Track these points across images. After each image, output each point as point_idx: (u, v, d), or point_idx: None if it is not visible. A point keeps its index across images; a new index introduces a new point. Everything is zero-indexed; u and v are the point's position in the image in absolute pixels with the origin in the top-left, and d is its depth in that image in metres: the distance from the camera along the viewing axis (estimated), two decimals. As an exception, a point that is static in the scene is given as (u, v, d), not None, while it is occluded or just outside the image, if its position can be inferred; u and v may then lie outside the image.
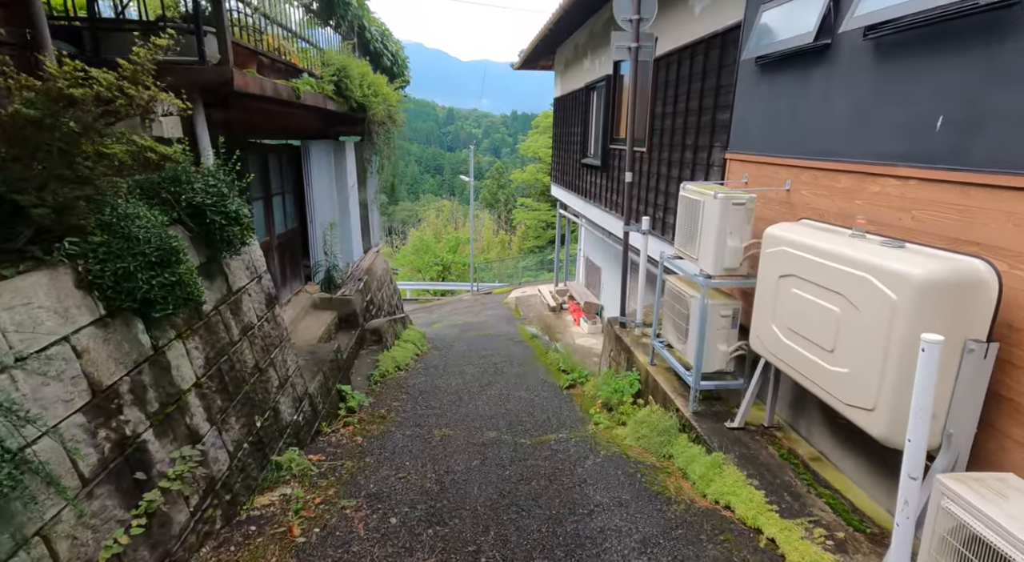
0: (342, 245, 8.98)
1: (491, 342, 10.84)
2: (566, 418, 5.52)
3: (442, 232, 42.04)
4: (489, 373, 7.72)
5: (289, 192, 7.39)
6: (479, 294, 22.33)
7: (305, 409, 4.67)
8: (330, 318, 7.46)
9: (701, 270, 4.19)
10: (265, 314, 4.24)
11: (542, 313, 15.10)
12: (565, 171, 13.40)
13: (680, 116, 6.39)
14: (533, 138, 40.96)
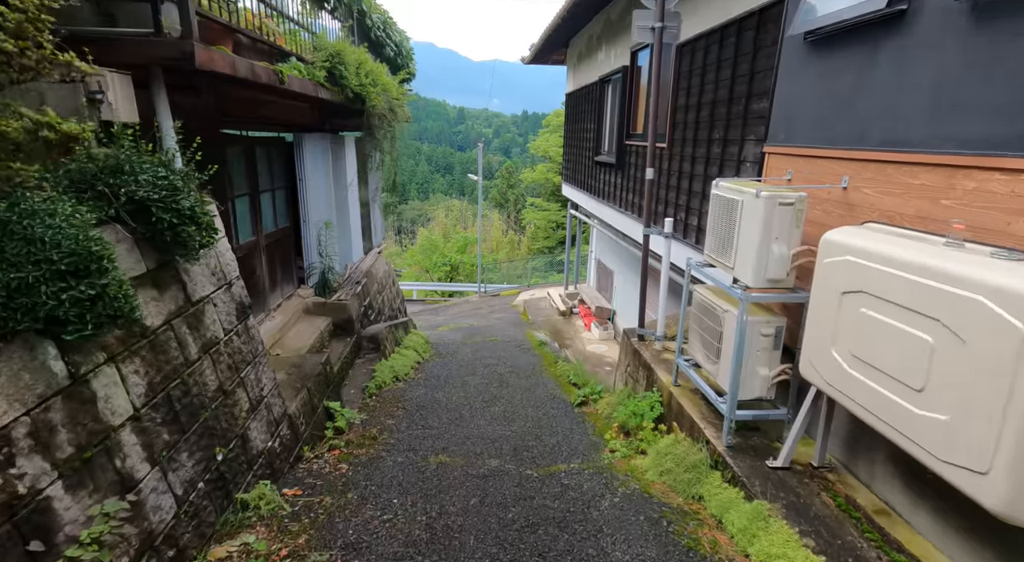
0: (340, 246, 8.46)
1: (497, 349, 10.28)
2: (578, 443, 4.94)
3: (451, 232, 41.63)
4: (494, 385, 7.15)
5: (280, 189, 6.87)
6: (487, 296, 21.79)
7: (283, 433, 4.13)
8: (324, 324, 6.93)
9: (738, 281, 3.60)
10: (235, 327, 3.70)
11: (551, 317, 14.51)
12: (577, 170, 12.81)
13: (706, 108, 5.78)
14: (544, 137, 40.40)
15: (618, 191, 9.25)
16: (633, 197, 8.41)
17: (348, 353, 6.92)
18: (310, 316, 7.09)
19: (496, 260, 34.68)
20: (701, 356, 4.19)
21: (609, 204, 9.84)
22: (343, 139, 8.45)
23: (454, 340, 12.23)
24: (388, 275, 10.68)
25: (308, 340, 6.44)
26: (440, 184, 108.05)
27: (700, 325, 4.18)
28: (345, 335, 7.23)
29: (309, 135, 7.09)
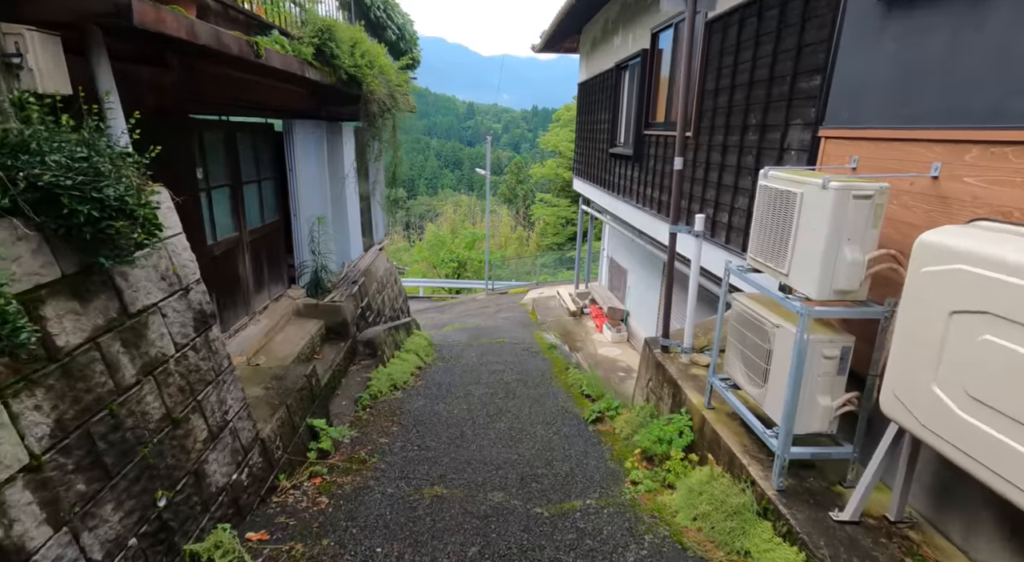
0: (336, 243, 7.88)
1: (504, 352, 9.68)
2: (594, 471, 4.33)
3: (459, 228, 41.08)
4: (499, 396, 6.55)
5: (268, 180, 6.30)
6: (494, 294, 21.20)
7: (253, 462, 3.56)
8: (315, 328, 6.36)
9: (795, 291, 2.96)
10: (191, 340, 3.12)
11: (561, 318, 13.89)
12: (589, 164, 12.16)
13: (741, 90, 5.13)
14: (554, 132, 39.66)
15: (635, 185, 8.60)
16: (652, 192, 7.76)
17: (341, 360, 6.34)
18: (301, 319, 6.52)
19: (504, 256, 34.10)
20: (742, 376, 3.56)
21: (624, 199, 9.19)
22: (340, 128, 7.86)
23: (459, 341, 11.65)
24: (389, 273, 10.11)
25: (297, 346, 5.87)
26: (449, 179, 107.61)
27: (741, 340, 3.55)
28: (339, 340, 6.66)
29: (301, 122, 6.50)
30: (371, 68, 6.24)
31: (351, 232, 8.47)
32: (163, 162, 2.82)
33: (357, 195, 8.79)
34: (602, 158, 10.85)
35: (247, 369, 4.64)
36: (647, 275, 10.97)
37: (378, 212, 10.63)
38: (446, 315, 18.14)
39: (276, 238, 6.48)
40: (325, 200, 7.39)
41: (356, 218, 8.80)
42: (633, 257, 12.02)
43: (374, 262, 8.96)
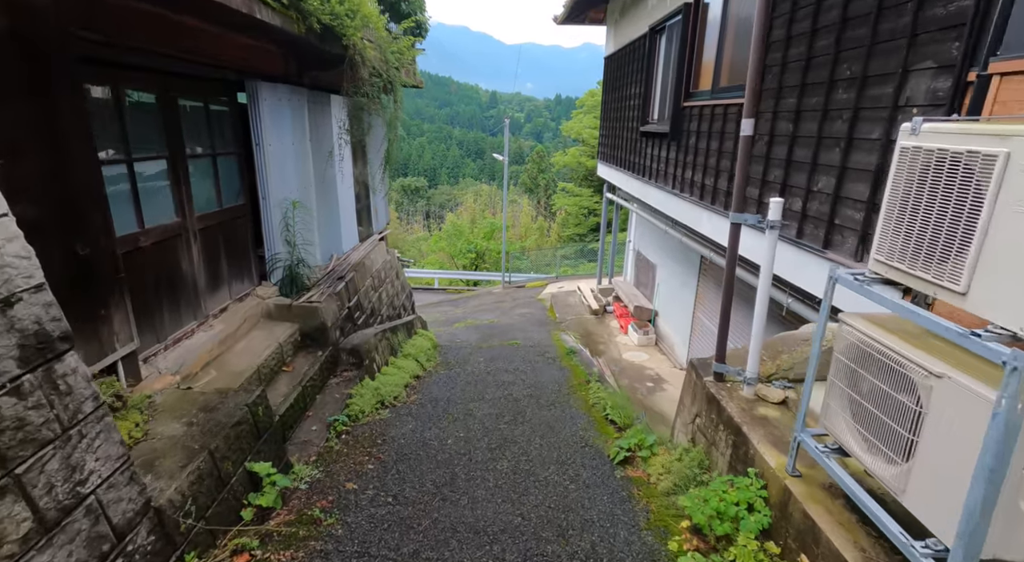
0: (323, 232, 6.80)
1: (517, 358, 8.55)
2: (625, 551, 3.16)
3: (479, 217, 40.05)
4: (505, 419, 5.42)
5: (228, 155, 5.21)
6: (511, 287, 20.07)
7: (135, 546, 2.47)
8: (286, 334, 5.29)
9: (987, 323, 1.75)
10: (15, 381, 2.03)
11: (582, 316, 12.70)
12: (616, 146, 10.88)
13: (827, 34, 3.85)
14: (577, 118, 38.19)
15: (671, 168, 7.34)
16: (693, 175, 6.50)
17: (317, 372, 5.27)
18: (270, 322, 5.46)
19: (524, 247, 32.95)
20: (854, 439, 2.35)
21: (657, 185, 7.92)
22: (328, 100, 6.75)
23: (468, 343, 10.54)
24: (390, 267, 9.01)
25: (259, 356, 4.81)
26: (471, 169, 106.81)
27: (854, 385, 2.34)
28: (315, 347, 5.59)
29: (271, 87, 5.40)
30: (352, 18, 5.08)
31: (342, 220, 7.38)
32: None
33: (351, 179, 7.69)
34: (631, 138, 9.57)
35: (172, 396, 3.57)
36: (680, 271, 9.70)
37: (379, 199, 9.53)
38: (459, 309, 17.08)
39: (240, 226, 5.40)
40: (306, 182, 6.29)
41: (349, 204, 7.70)
42: (664, 251, 10.75)
43: (370, 254, 7.87)
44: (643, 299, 11.86)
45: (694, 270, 8.94)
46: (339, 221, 7.28)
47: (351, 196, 7.85)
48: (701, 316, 8.62)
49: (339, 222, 7.29)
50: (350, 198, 7.79)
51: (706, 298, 8.42)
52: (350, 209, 7.82)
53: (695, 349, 8.94)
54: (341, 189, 7.31)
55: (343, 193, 7.37)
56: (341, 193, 7.31)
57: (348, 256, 7.49)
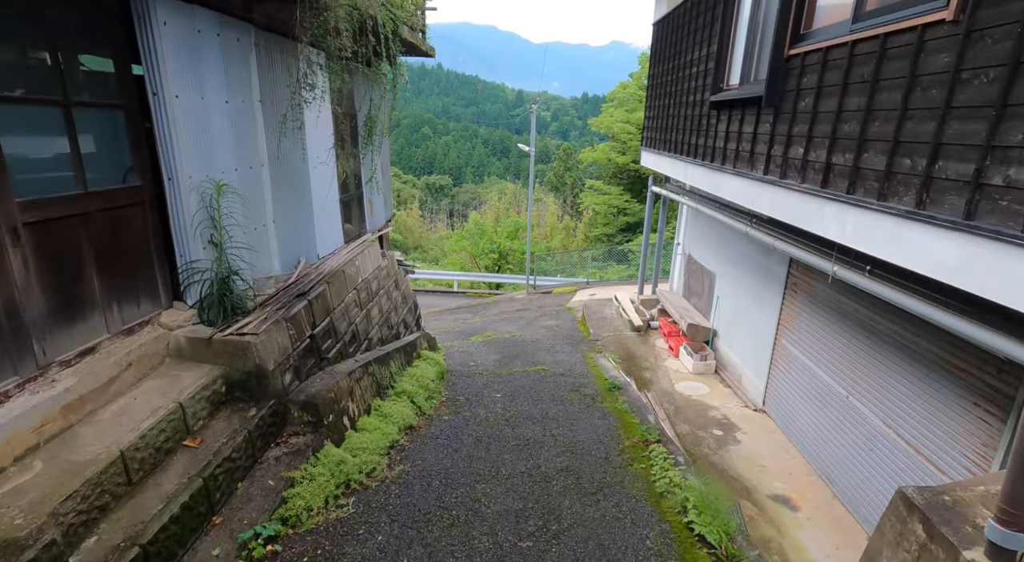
0: (285, 230, 4.97)
1: (544, 394, 6.61)
2: None
3: (503, 216, 38.27)
4: (530, 527, 3.48)
5: (102, 105, 3.38)
6: (536, 293, 18.10)
7: None
8: (196, 385, 3.43)
9: None
10: None
11: (620, 333, 10.68)
12: (669, 128, 8.84)
13: None
14: (608, 112, 35.99)
15: (763, 146, 5.30)
16: (808, 151, 4.46)
17: (242, 445, 3.42)
18: (178, 366, 3.63)
19: (550, 248, 31.03)
20: None
21: (737, 170, 5.88)
22: (296, 50, 4.90)
23: (484, 366, 8.64)
24: (385, 275, 7.15)
25: (139, 427, 2.97)
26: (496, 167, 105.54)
27: None
28: (246, 402, 3.74)
29: (180, 5, 3.56)
30: None
31: (317, 215, 5.54)
32: None
33: (332, 164, 5.85)
34: (691, 116, 7.54)
35: None
36: (752, 283, 7.63)
37: (377, 190, 7.69)
38: (478, 318, 15.20)
39: (131, 220, 3.55)
40: (251, 159, 4.44)
41: (329, 195, 5.87)
42: (726, 256, 8.68)
43: (355, 260, 6.00)
44: (696, 314, 9.79)
45: (776, 283, 6.87)
46: (311, 216, 5.44)
47: (332, 184, 6.01)
48: (789, 345, 6.55)
49: (311, 217, 5.44)
50: (330, 186, 5.95)
51: (799, 323, 6.36)
52: (330, 201, 5.98)
53: (777, 387, 6.87)
54: (316, 174, 5.47)
55: (319, 179, 5.52)
56: (315, 179, 5.46)
57: (323, 262, 5.64)
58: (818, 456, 5.81)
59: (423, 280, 25.39)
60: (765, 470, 5.91)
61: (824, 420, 5.72)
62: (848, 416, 5.33)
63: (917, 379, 4.49)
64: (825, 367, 5.73)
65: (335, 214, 6.17)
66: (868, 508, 4.92)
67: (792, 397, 6.45)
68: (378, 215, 7.71)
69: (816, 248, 4.98)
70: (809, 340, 6.10)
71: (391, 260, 7.50)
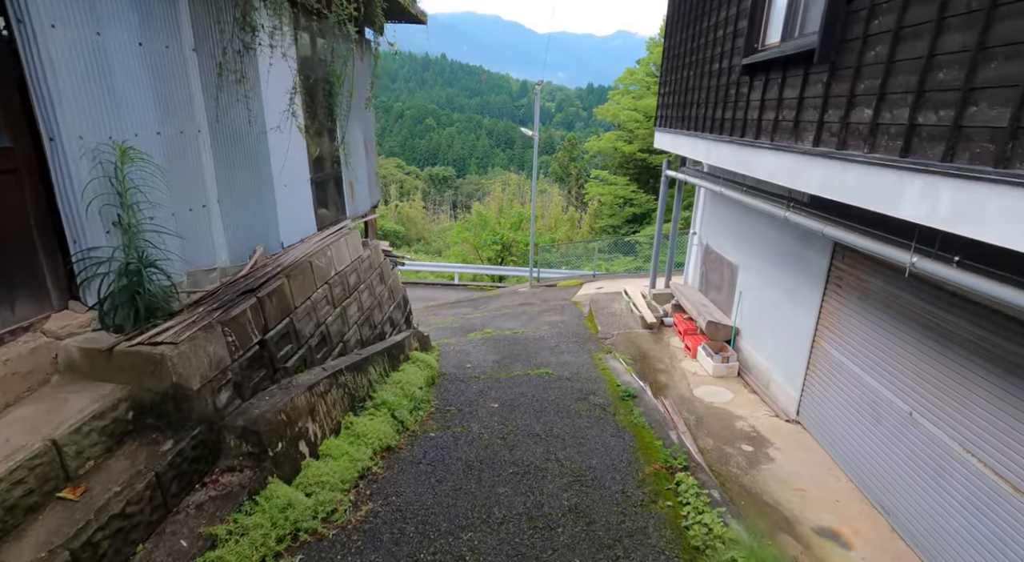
0: (232, 212, 4.10)
1: (548, 404, 5.76)
2: None
3: (506, 207, 37.41)
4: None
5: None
6: (540, 286, 17.21)
7: None
8: (89, 411, 2.57)
9: None
10: None
11: (631, 331, 9.79)
12: (688, 103, 7.91)
13: None
14: (614, 100, 34.92)
15: (810, 111, 4.40)
16: (878, 110, 3.55)
17: (143, 494, 2.58)
18: (69, 385, 2.79)
19: (554, 239, 30.13)
20: None
21: (773, 144, 4.97)
22: None
23: (481, 369, 7.78)
24: (367, 268, 6.29)
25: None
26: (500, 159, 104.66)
27: None
28: (163, 432, 2.89)
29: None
30: None
31: (280, 197, 4.67)
32: None
33: (302, 134, 4.96)
34: (718, 85, 6.61)
35: None
36: (784, 277, 6.74)
37: (360, 170, 6.81)
38: (479, 313, 14.36)
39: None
40: (179, 116, 3.55)
41: (296, 175, 5.00)
42: (752, 245, 7.77)
43: (326, 250, 5.13)
44: (716, 311, 8.89)
45: (815, 277, 5.97)
46: (271, 197, 4.56)
47: (302, 161, 5.13)
48: (832, 349, 5.66)
49: (271, 199, 4.57)
50: (299, 164, 5.07)
51: (845, 323, 5.46)
52: (299, 181, 5.10)
53: (815, 397, 5.98)
54: (278, 147, 4.59)
55: (283, 154, 4.64)
56: (277, 153, 4.58)
57: (287, 252, 4.77)
58: (871, 481, 4.93)
59: (425, 272, 24.56)
60: (807, 496, 5.04)
61: (879, 439, 4.84)
62: (913, 436, 4.45)
63: (1009, 395, 3.60)
64: (881, 377, 4.84)
65: (305, 196, 5.30)
66: (939, 547, 4.05)
67: (836, 409, 5.56)
68: (361, 199, 6.83)
69: (880, 235, 4.07)
70: (859, 344, 5.20)
71: (375, 250, 6.63)
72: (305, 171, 5.29)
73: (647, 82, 31.27)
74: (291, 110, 4.00)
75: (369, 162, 7.27)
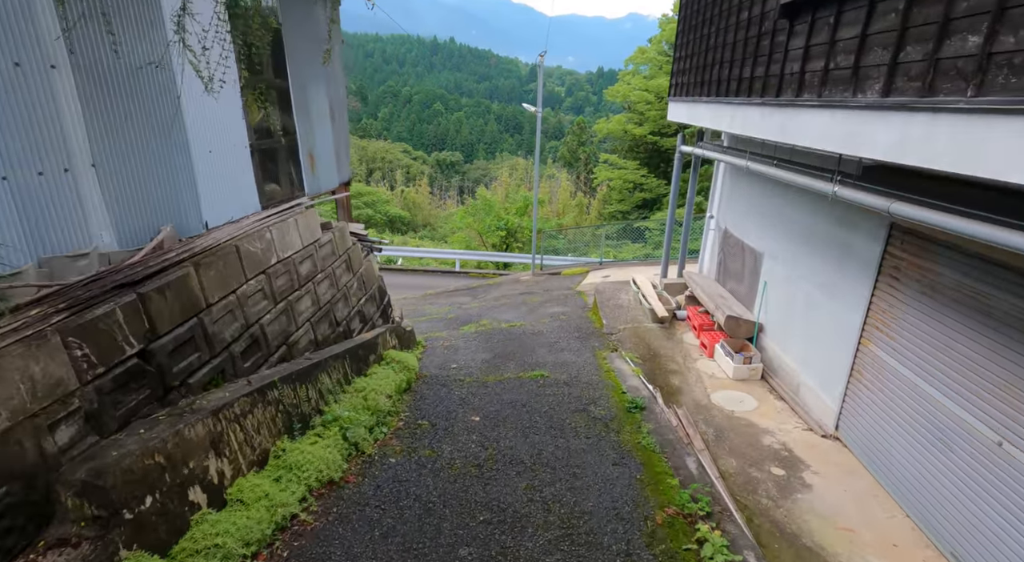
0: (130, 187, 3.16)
1: (539, 417, 4.81)
2: None
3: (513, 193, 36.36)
4: None
5: None
6: (543, 275, 16.22)
7: None
8: None
9: None
10: None
11: (640, 325, 8.80)
12: (709, 64, 6.84)
13: None
14: (625, 80, 33.59)
15: (878, 51, 3.35)
16: (992, 36, 2.51)
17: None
18: None
19: (561, 225, 29.09)
20: None
21: (822, 100, 3.92)
22: None
23: (468, 370, 6.84)
24: (328, 255, 5.33)
25: None
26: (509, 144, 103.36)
27: None
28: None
29: None
30: None
31: (200, 166, 3.71)
32: None
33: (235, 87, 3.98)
34: (747, 38, 5.56)
35: None
36: (817, 265, 5.72)
37: (325, 139, 5.83)
38: (476, 302, 13.42)
39: None
40: (18, 49, 2.59)
41: (227, 140, 4.04)
42: (779, 229, 6.72)
43: (264, 233, 4.17)
44: (735, 304, 7.87)
45: (861, 266, 4.95)
46: (187, 164, 3.61)
47: (235, 121, 4.16)
48: (885, 354, 4.65)
49: (187, 166, 3.61)
50: (230, 124, 4.11)
51: (903, 324, 4.44)
52: (230, 145, 4.14)
53: (860, 410, 4.98)
54: (194, 102, 3.62)
55: (199, 107, 3.68)
56: (193, 107, 3.61)
57: (207, 235, 3.82)
58: (938, 521, 3.95)
59: (428, 259, 23.62)
60: (855, 539, 4.07)
61: (952, 470, 3.85)
62: (1002, 471, 3.45)
63: None
64: (956, 394, 3.84)
65: (242, 166, 4.33)
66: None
67: (888, 427, 4.57)
68: (325, 173, 5.86)
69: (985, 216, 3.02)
70: (924, 350, 4.19)
71: (340, 234, 5.66)
72: (242, 135, 4.32)
73: (659, 61, 29.94)
74: (180, 38, 3.00)
75: (338, 130, 6.28)
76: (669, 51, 28.57)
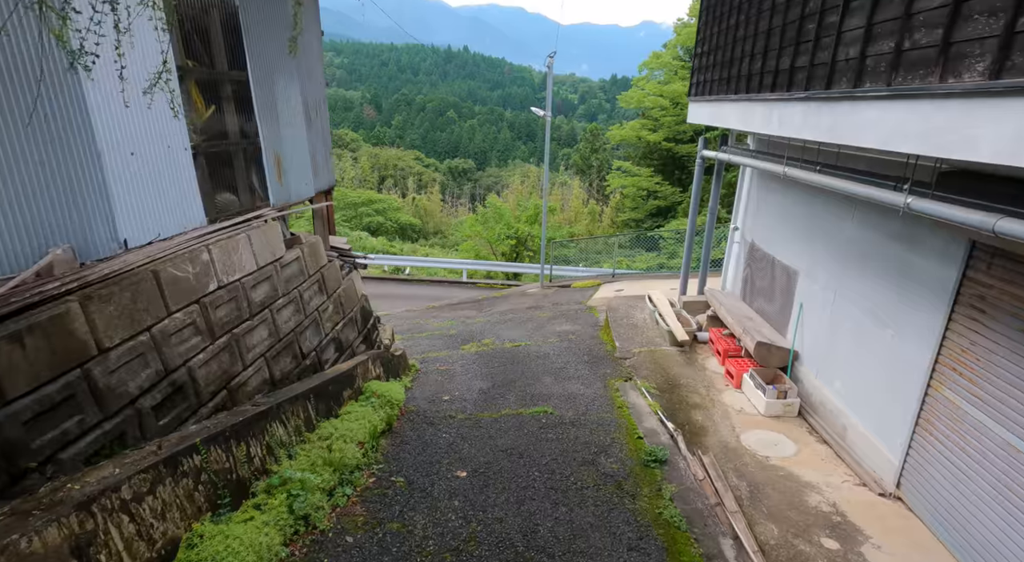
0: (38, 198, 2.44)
1: (539, 474, 3.97)
2: None
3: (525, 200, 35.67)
4: None
5: None
6: (552, 287, 15.37)
7: None
8: None
9: None
10: None
11: (657, 349, 7.93)
12: (738, 57, 6.03)
13: None
14: (639, 85, 32.79)
15: (984, 20, 2.51)
16: None
17: None
18: None
19: (572, 234, 28.28)
20: None
21: (892, 89, 3.06)
22: None
23: (463, 403, 6.02)
24: (292, 274, 4.56)
25: None
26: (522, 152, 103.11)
27: None
28: None
29: None
30: None
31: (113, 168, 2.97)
32: None
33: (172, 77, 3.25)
34: (786, 22, 4.74)
35: None
36: (869, 289, 4.82)
37: (298, 142, 5.09)
38: (481, 317, 12.62)
39: None
40: None
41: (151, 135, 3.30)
42: (818, 244, 5.84)
43: (201, 254, 3.42)
44: (765, 327, 6.98)
45: (930, 293, 4.07)
46: (94, 168, 2.87)
47: (165, 116, 3.43)
48: (966, 404, 3.75)
49: (95, 170, 2.88)
50: (159, 119, 3.38)
51: (992, 367, 3.55)
52: (161, 146, 3.41)
53: (931, 466, 4.08)
54: (102, 88, 2.88)
55: (110, 93, 2.95)
56: (101, 93, 2.88)
57: (117, 258, 3.06)
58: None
59: (436, 269, 22.89)
60: (940, 646, 3.18)
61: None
62: None
63: None
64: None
65: (180, 172, 3.59)
66: None
67: (971, 492, 3.67)
68: (297, 180, 5.11)
69: None
70: (1022, 404, 3.30)
71: (311, 250, 4.89)
72: (181, 134, 3.58)
73: (674, 66, 29.16)
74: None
75: (315, 131, 5.54)
76: (685, 56, 27.75)
